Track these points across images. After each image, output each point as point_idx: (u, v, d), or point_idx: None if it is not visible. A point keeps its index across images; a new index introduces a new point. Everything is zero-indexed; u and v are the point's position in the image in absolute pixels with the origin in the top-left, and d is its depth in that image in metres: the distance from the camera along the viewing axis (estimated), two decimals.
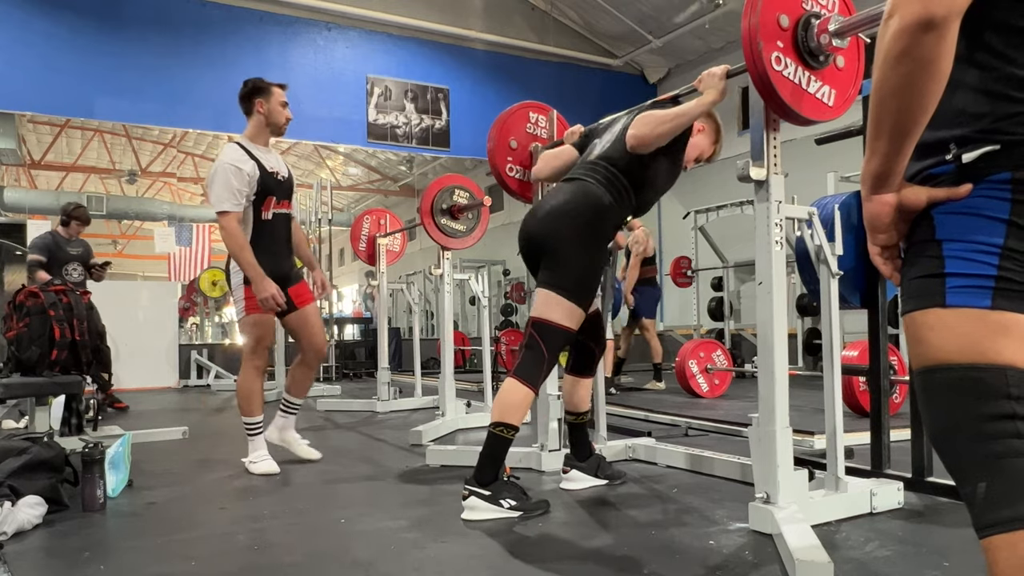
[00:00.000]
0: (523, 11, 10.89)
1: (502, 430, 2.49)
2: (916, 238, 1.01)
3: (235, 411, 6.06)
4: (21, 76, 8.01)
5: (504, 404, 2.51)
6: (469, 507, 2.47)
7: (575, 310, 2.57)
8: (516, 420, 2.50)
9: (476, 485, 2.47)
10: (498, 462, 2.51)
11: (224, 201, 3.21)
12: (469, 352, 10.15)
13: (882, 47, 0.91)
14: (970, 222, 0.95)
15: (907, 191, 1.00)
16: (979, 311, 0.93)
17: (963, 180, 0.95)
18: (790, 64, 2.13)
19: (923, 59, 0.88)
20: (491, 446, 2.52)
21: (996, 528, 0.90)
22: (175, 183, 18.19)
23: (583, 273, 2.59)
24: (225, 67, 8.87)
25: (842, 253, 2.51)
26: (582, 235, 2.58)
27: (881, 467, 2.73)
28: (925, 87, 0.90)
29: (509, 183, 3.39)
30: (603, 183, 2.64)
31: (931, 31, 0.86)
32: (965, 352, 0.94)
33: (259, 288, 3.21)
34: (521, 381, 2.53)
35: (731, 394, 5.99)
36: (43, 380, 3.55)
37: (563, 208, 2.61)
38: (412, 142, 10.24)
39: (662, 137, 2.56)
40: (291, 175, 3.54)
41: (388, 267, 6.12)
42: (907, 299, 1.01)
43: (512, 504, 2.46)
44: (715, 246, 8.75)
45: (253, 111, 3.40)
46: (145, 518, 2.60)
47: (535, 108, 3.45)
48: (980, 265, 0.94)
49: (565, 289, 2.56)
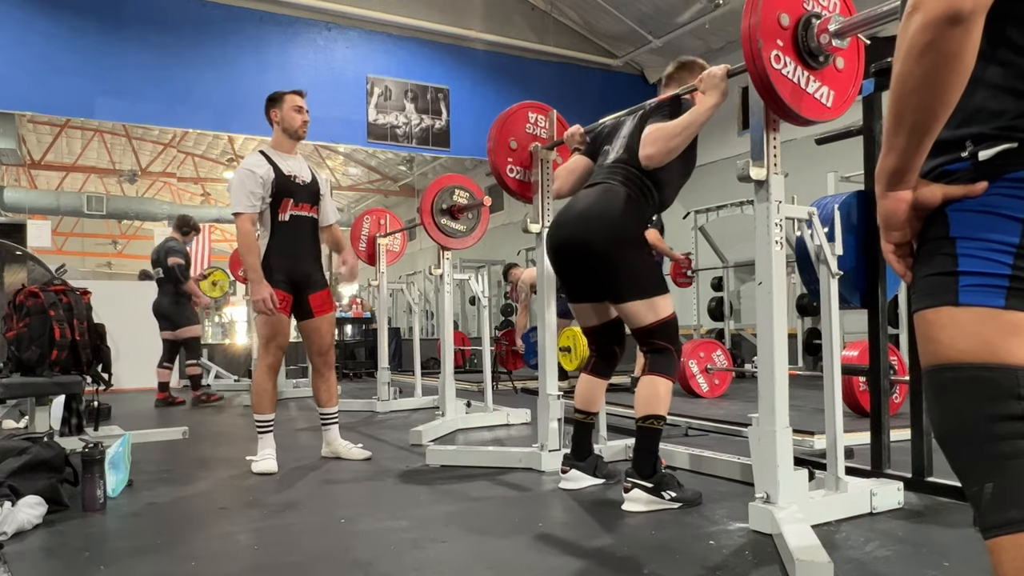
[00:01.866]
0: (523, 11, 10.89)
1: (652, 422, 2.57)
2: (929, 235, 1.00)
3: (235, 411, 6.11)
4: (21, 76, 8.00)
5: (646, 397, 2.59)
6: (631, 499, 2.53)
7: (662, 300, 2.65)
8: (663, 410, 2.59)
9: (638, 477, 2.53)
10: (653, 454, 2.58)
11: (238, 203, 3.36)
12: (469, 352, 10.14)
13: (904, 41, 0.89)
14: (985, 220, 0.94)
15: (923, 188, 0.99)
16: (992, 310, 0.92)
17: (979, 177, 0.94)
18: (789, 63, 2.13)
19: (948, 53, 0.86)
20: (643, 439, 2.58)
21: (1003, 529, 0.90)
22: (175, 183, 18.19)
23: (642, 266, 2.65)
24: (225, 67, 8.87)
25: (842, 253, 2.51)
26: (619, 233, 2.61)
27: (881, 467, 2.74)
28: (948, 82, 0.88)
29: (509, 183, 3.39)
30: (625, 183, 2.67)
31: (958, 25, 0.85)
32: (976, 352, 0.93)
33: (253, 289, 3.34)
34: (658, 375, 2.62)
35: (731, 394, 5.99)
36: (43, 380, 3.55)
37: (593, 209, 2.65)
38: (412, 142, 10.24)
39: (673, 152, 2.56)
40: (315, 180, 3.61)
41: (388, 267, 6.13)
42: (919, 297, 1.00)
43: (672, 496, 2.53)
44: (715, 246, 8.75)
45: (272, 122, 3.56)
46: (145, 518, 2.60)
47: (535, 108, 3.46)
48: (994, 264, 0.93)
49: (643, 292, 2.62)
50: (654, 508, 2.50)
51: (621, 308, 2.67)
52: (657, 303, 2.63)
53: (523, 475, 3.15)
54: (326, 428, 3.68)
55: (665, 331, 2.64)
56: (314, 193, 3.57)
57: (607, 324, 2.87)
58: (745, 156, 2.26)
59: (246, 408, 6.16)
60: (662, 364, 2.63)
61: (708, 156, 10.21)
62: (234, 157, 15.75)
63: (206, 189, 19.04)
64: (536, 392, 3.51)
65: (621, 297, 2.64)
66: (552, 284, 3.32)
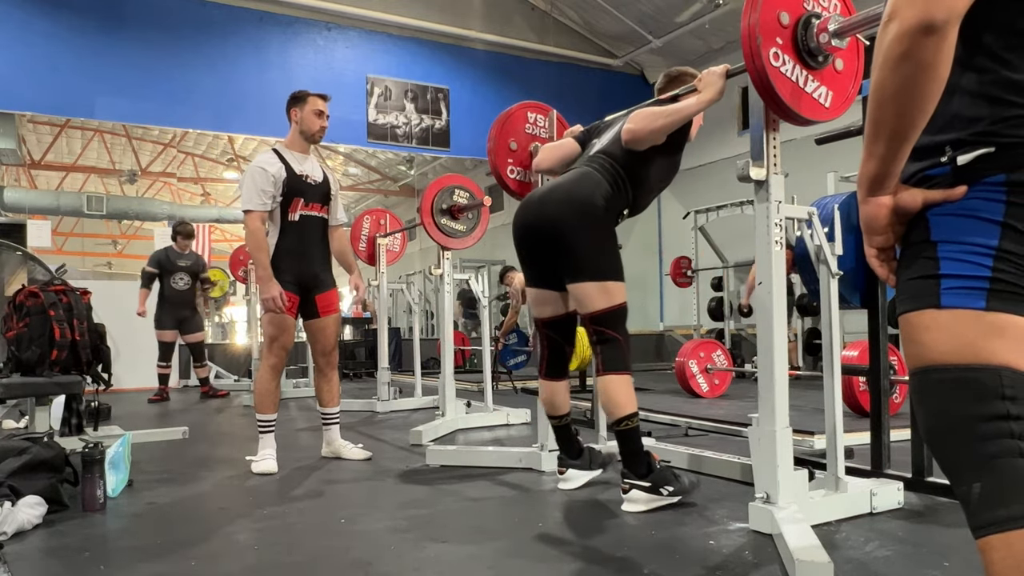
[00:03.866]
0: (523, 11, 10.90)
1: (626, 423, 2.53)
2: (911, 240, 1.02)
3: (235, 411, 6.11)
4: (21, 76, 8.01)
5: (612, 400, 2.54)
6: (630, 500, 2.51)
7: (616, 286, 2.60)
8: (631, 407, 2.54)
9: (634, 478, 2.51)
10: (641, 452, 2.54)
11: (248, 200, 3.37)
12: (469, 352, 10.15)
13: (881, 50, 0.91)
14: (965, 224, 0.95)
15: (903, 193, 1.01)
16: (974, 312, 0.94)
17: (958, 182, 0.96)
18: (788, 62, 2.13)
19: (923, 62, 0.88)
20: (626, 443, 2.54)
21: (992, 528, 0.91)
22: (175, 183, 18.19)
23: (604, 251, 2.60)
24: (225, 67, 8.87)
25: (842, 253, 2.51)
26: (588, 215, 2.57)
27: (881, 467, 2.73)
28: (924, 90, 0.90)
29: (510, 184, 3.39)
30: (600, 171, 2.65)
31: (932, 35, 0.86)
32: (960, 353, 0.94)
33: (263, 288, 3.34)
34: (615, 373, 2.56)
35: (731, 394, 5.99)
36: (43, 380, 3.55)
37: (562, 188, 2.63)
38: (412, 142, 10.24)
39: (656, 133, 2.56)
40: (327, 180, 3.61)
41: (388, 267, 6.13)
42: (902, 300, 1.02)
43: (670, 490, 2.51)
44: (715, 246, 8.75)
45: (291, 119, 3.54)
46: (145, 518, 2.60)
47: (534, 108, 3.45)
48: (974, 267, 0.94)
49: (598, 274, 2.57)
50: (654, 506, 2.49)
51: (575, 289, 2.61)
52: (611, 288, 2.57)
53: (523, 475, 3.15)
54: (327, 428, 3.68)
55: (614, 319, 2.58)
56: (325, 193, 3.56)
57: (562, 318, 2.83)
58: (745, 156, 2.26)
59: (246, 408, 6.16)
60: (614, 359, 2.57)
61: (708, 156, 10.23)
62: (234, 157, 15.76)
63: (206, 189, 19.04)
64: (536, 392, 3.51)
65: (577, 275, 2.58)
66: None
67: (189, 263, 6.87)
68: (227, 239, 22.36)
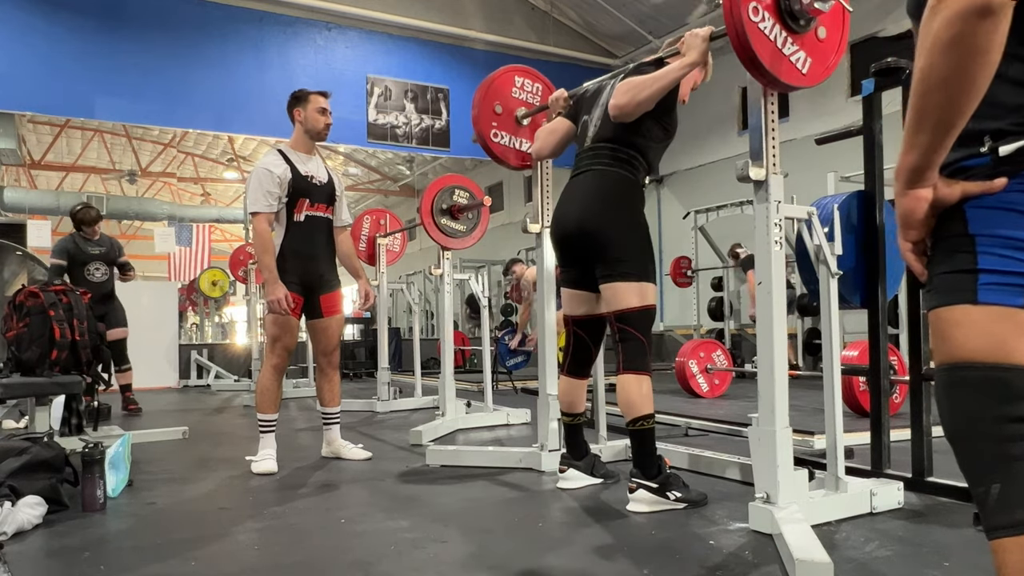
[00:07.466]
0: (523, 11, 10.89)
1: (641, 423, 2.54)
2: (945, 232, 0.98)
3: (235, 411, 6.11)
4: (21, 76, 8.01)
5: (630, 400, 2.55)
6: (636, 499, 2.51)
7: (647, 287, 2.63)
8: (649, 408, 2.55)
9: (643, 478, 2.51)
10: (654, 454, 2.55)
11: (255, 202, 3.37)
12: (469, 352, 10.15)
13: (929, 34, 0.86)
14: (1005, 217, 0.92)
15: (940, 185, 0.97)
16: (1009, 310, 0.91)
17: (998, 174, 0.92)
18: (768, 19, 2.10)
19: (976, 47, 0.84)
20: (640, 443, 2.56)
21: (1008, 530, 0.89)
22: (175, 183, 18.21)
23: (639, 251, 2.63)
24: (225, 67, 8.87)
25: (842, 253, 2.51)
26: (622, 216, 2.62)
27: (881, 467, 2.73)
28: (975, 77, 0.85)
29: (494, 148, 3.33)
30: (612, 162, 2.66)
31: (987, 18, 0.82)
32: (991, 351, 0.91)
33: (268, 290, 3.35)
34: (634, 372, 2.58)
35: (731, 394, 5.99)
36: (43, 380, 3.54)
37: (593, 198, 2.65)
38: (412, 142, 10.24)
39: (643, 104, 2.55)
40: (332, 181, 3.61)
41: (388, 267, 6.13)
42: (934, 294, 0.98)
43: (677, 496, 2.51)
44: (715, 246, 8.75)
45: (294, 120, 3.54)
46: (145, 518, 2.60)
47: (521, 72, 3.42)
48: (1015, 262, 0.91)
49: (631, 274, 2.59)
50: (658, 509, 2.49)
51: (608, 288, 2.63)
52: (636, 288, 2.60)
53: (523, 475, 3.15)
54: (327, 428, 3.68)
55: (642, 319, 2.61)
56: (330, 194, 3.57)
57: (595, 317, 2.85)
58: (745, 156, 2.26)
59: (246, 408, 6.16)
60: (636, 359, 2.59)
61: (708, 156, 10.24)
62: (234, 157, 15.77)
63: (206, 189, 19.05)
64: (536, 392, 3.51)
65: (608, 274, 2.62)
66: (552, 284, 3.31)
67: (103, 249, 5.77)
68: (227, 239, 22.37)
